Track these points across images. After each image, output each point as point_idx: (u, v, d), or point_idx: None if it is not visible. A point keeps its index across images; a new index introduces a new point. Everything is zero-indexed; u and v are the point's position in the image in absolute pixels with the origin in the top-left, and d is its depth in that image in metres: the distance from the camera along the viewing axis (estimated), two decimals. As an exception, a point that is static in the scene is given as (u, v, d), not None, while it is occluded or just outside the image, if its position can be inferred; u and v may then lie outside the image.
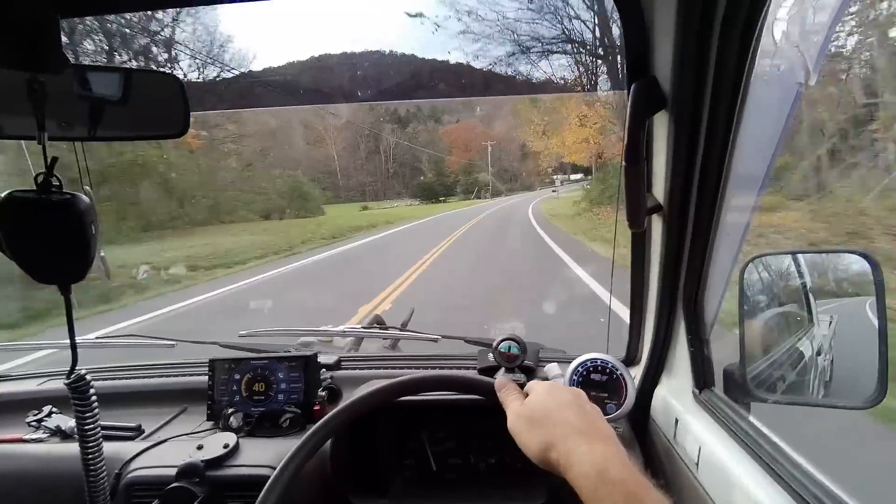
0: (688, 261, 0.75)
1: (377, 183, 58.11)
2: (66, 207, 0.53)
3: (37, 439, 0.95)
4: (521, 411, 0.55)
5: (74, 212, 0.54)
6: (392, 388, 0.68)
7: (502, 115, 63.53)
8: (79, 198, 0.55)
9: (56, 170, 0.54)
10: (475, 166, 62.13)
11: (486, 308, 5.30)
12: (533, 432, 0.51)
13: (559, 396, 0.54)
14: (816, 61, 0.48)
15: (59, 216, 0.54)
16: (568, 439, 0.48)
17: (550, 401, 0.54)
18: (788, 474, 0.59)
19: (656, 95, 0.60)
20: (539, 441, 0.50)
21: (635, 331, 1.00)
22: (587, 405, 0.54)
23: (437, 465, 0.91)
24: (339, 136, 54.79)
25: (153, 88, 0.62)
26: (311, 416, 0.96)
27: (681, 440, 0.80)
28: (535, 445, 0.50)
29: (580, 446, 0.46)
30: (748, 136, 0.56)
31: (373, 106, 50.83)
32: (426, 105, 61.37)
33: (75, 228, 0.54)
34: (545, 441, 0.49)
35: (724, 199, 0.64)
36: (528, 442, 0.51)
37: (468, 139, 63.36)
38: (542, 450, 0.49)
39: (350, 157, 56.40)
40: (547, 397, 0.54)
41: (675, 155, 0.63)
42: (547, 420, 0.51)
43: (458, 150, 62.38)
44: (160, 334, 1.22)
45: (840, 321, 0.82)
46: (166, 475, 0.79)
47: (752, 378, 0.76)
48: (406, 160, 59.76)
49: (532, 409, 0.54)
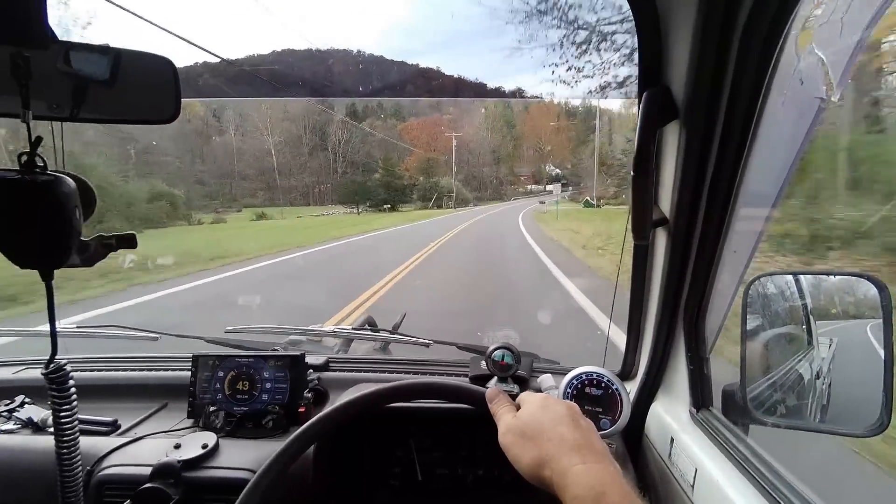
0: (691, 277, 0.73)
1: (324, 184, 48.95)
2: (49, 189, 0.51)
3: (7, 430, 0.91)
4: (513, 424, 0.53)
5: (58, 194, 0.51)
6: (380, 394, 0.65)
7: (472, 115, 59.80)
8: (63, 179, 0.52)
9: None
10: (436, 168, 52.97)
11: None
12: (525, 447, 0.50)
13: (553, 410, 0.52)
14: (842, 76, 0.46)
15: (42, 198, 0.51)
16: (562, 457, 0.46)
17: (543, 414, 0.52)
18: (788, 501, 0.57)
19: (668, 105, 0.58)
20: (531, 457, 0.48)
21: (632, 345, 0.98)
22: (581, 420, 0.52)
23: (424, 475, 0.88)
24: (277, 127, 46.42)
25: (144, 70, 0.59)
26: (295, 417, 0.93)
27: (676, 460, 0.78)
28: (527, 461, 0.48)
29: (575, 465, 0.44)
30: (762, 152, 0.54)
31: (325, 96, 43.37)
32: (390, 103, 55.74)
33: (58, 211, 0.51)
34: (538, 457, 0.48)
35: (733, 216, 0.62)
36: (519, 457, 0.50)
37: (431, 136, 54.96)
38: (535, 466, 0.47)
39: (291, 154, 47.62)
40: (540, 410, 0.53)
41: (684, 167, 0.61)
42: (540, 435, 0.49)
43: (421, 148, 53.96)
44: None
45: (841, 344, 0.81)
46: (140, 474, 0.75)
47: (752, 399, 0.74)
48: (358, 159, 50.05)
49: (524, 423, 0.52)
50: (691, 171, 0.61)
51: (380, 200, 42.56)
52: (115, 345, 1.22)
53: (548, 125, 59.50)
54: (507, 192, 57.05)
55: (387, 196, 43.46)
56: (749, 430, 0.76)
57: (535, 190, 55.65)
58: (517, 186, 59.99)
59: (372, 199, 42.79)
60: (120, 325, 1.22)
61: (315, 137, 49.91)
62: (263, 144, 45.59)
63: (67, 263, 0.56)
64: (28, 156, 0.51)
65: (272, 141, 45.86)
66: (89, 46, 0.56)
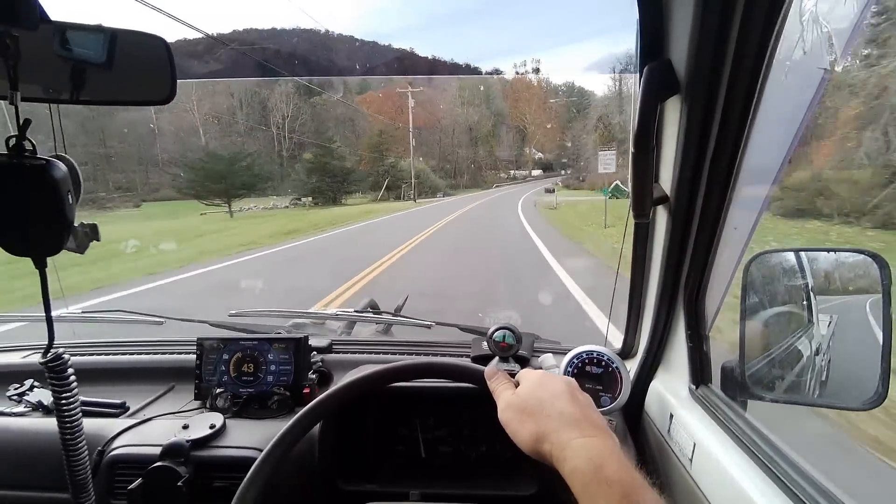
0: (692, 254, 0.73)
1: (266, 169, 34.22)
2: (40, 173, 0.50)
3: (18, 413, 0.93)
4: (512, 401, 0.53)
5: (49, 178, 0.51)
6: (383, 373, 0.66)
7: (447, 92, 48.29)
8: (54, 164, 0.51)
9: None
10: (393, 145, 39.43)
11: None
12: (524, 423, 0.50)
13: (551, 386, 0.53)
14: (847, 44, 0.45)
15: (33, 182, 0.50)
16: (561, 431, 0.46)
17: (542, 390, 0.52)
18: (784, 473, 0.58)
19: (670, 79, 0.57)
20: (531, 432, 0.49)
21: (632, 324, 0.98)
22: (579, 394, 0.53)
23: (427, 452, 0.90)
24: (207, 102, 36.12)
25: (138, 50, 0.58)
26: (300, 398, 0.95)
27: (675, 435, 0.79)
28: (527, 436, 0.49)
29: (574, 439, 0.45)
30: (765, 126, 0.53)
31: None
32: (356, 80, 46.44)
33: (50, 196, 0.51)
34: (537, 432, 0.48)
35: (734, 192, 0.62)
36: (519, 432, 0.50)
37: (396, 109, 41.73)
38: (535, 441, 0.48)
39: (223, 132, 36.60)
40: (538, 387, 0.53)
41: (686, 142, 0.60)
42: (539, 410, 0.50)
43: (382, 120, 41.47)
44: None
45: (840, 320, 0.81)
46: (150, 454, 0.77)
47: (751, 376, 0.75)
48: (307, 140, 37.59)
49: (523, 399, 0.53)
50: (692, 146, 0.60)
51: (312, 190, 31.58)
52: (121, 329, 1.23)
53: (534, 100, 53.13)
54: (488, 179, 48.65)
55: (322, 184, 31.44)
56: (747, 407, 0.77)
57: (520, 175, 50.33)
58: (498, 171, 52.70)
59: (305, 189, 31.98)
60: (125, 309, 1.23)
61: (256, 113, 40.19)
62: (189, 122, 35.71)
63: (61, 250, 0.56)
64: (17, 139, 0.50)
65: (199, 118, 36.01)
66: (83, 27, 0.55)
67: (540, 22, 71.72)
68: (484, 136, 52.50)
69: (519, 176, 50.85)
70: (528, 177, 49.65)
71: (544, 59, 50.51)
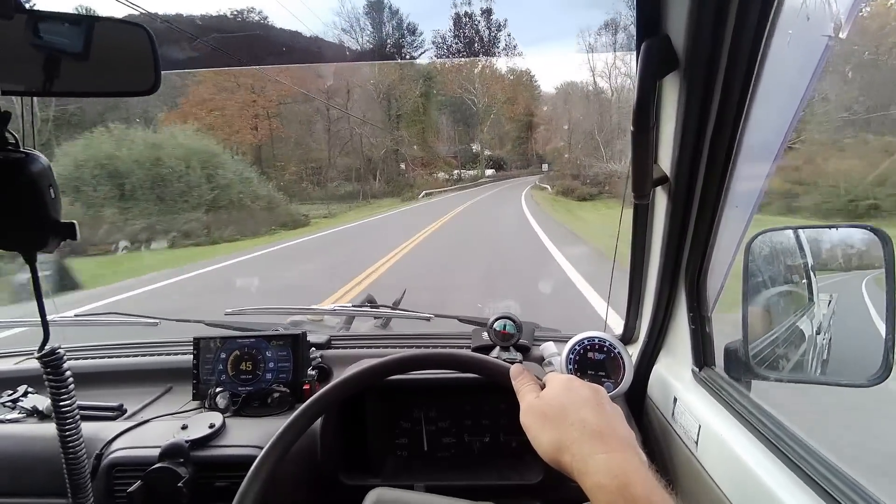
0: (692, 235, 0.72)
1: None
2: (19, 167, 0.49)
3: (12, 420, 0.91)
4: (535, 405, 0.51)
5: (29, 172, 0.49)
6: (402, 361, 0.64)
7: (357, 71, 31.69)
8: (35, 157, 0.50)
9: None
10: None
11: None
12: (546, 429, 0.48)
13: (577, 393, 0.50)
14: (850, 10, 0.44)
15: (12, 176, 0.49)
16: (584, 442, 0.44)
17: (567, 396, 0.50)
18: (792, 451, 0.58)
19: (668, 56, 0.56)
20: (552, 440, 0.47)
21: (633, 308, 0.98)
22: (607, 404, 0.50)
23: (430, 444, 0.89)
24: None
25: (119, 40, 0.56)
26: (300, 395, 0.94)
27: (679, 418, 0.79)
28: (548, 444, 0.47)
29: (597, 453, 0.43)
30: (766, 100, 0.52)
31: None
32: None
33: (30, 190, 0.49)
34: (558, 440, 0.46)
35: (735, 169, 0.61)
36: (539, 439, 0.48)
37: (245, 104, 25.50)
38: (555, 450, 0.46)
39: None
40: (563, 392, 0.51)
41: (685, 120, 0.59)
42: (562, 418, 0.48)
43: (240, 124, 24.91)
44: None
45: (842, 297, 0.81)
46: (149, 455, 0.76)
47: (754, 356, 0.74)
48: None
49: (547, 404, 0.50)
50: (692, 124, 0.59)
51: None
52: (115, 332, 1.21)
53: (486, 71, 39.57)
54: (418, 183, 32.23)
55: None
56: (751, 387, 0.76)
57: (468, 177, 38.44)
58: (434, 170, 36.86)
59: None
60: (118, 311, 1.21)
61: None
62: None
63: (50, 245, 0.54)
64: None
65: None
66: (60, 16, 0.53)
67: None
68: (410, 115, 35.43)
69: (467, 177, 38.82)
70: (479, 178, 38.83)
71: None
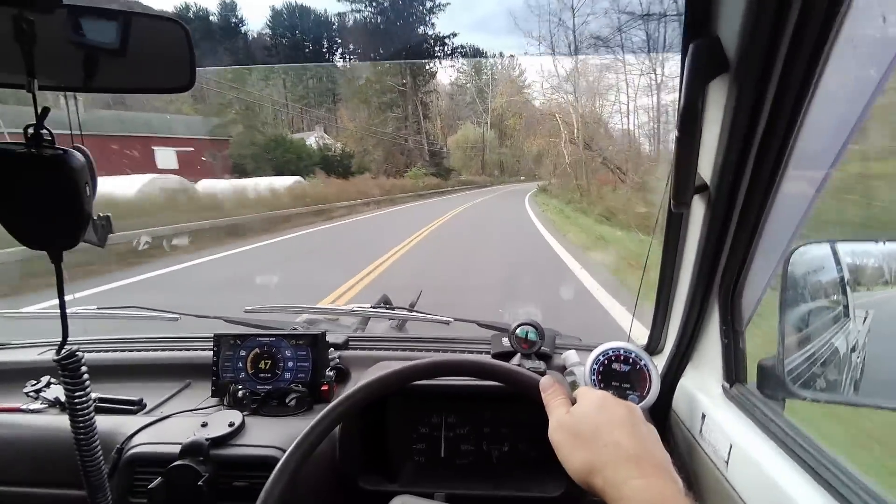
0: (730, 246, 0.69)
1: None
2: (57, 164, 0.48)
3: (35, 410, 0.92)
4: (566, 421, 0.49)
5: (67, 169, 0.49)
6: (429, 366, 0.62)
7: None
8: (72, 154, 0.49)
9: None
10: None
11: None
12: (577, 449, 0.46)
13: (611, 411, 0.48)
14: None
15: (50, 173, 0.49)
16: (618, 466, 0.42)
17: (600, 415, 0.48)
18: (831, 475, 0.55)
19: (718, 58, 0.54)
20: (584, 460, 0.45)
21: (660, 319, 0.95)
22: (642, 425, 0.48)
23: (449, 451, 0.88)
24: None
25: (156, 36, 0.55)
26: (318, 395, 0.93)
27: (707, 436, 0.76)
28: (579, 464, 0.45)
29: (633, 479, 0.41)
30: (824, 106, 0.49)
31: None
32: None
33: (67, 188, 0.49)
34: (590, 462, 0.44)
35: (781, 182, 0.58)
36: (570, 459, 0.46)
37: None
38: (586, 472, 0.44)
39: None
40: (596, 410, 0.49)
41: (732, 126, 0.56)
42: (594, 438, 0.46)
43: None
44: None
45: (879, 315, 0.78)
46: (170, 452, 0.76)
47: (789, 373, 0.71)
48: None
49: (578, 421, 0.48)
50: (739, 132, 0.57)
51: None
52: (135, 326, 1.22)
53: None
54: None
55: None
56: (784, 406, 0.74)
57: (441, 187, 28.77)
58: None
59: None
60: (139, 305, 1.22)
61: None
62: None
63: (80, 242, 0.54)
64: (35, 128, 0.49)
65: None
66: (97, 10, 0.53)
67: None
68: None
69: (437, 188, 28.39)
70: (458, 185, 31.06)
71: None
